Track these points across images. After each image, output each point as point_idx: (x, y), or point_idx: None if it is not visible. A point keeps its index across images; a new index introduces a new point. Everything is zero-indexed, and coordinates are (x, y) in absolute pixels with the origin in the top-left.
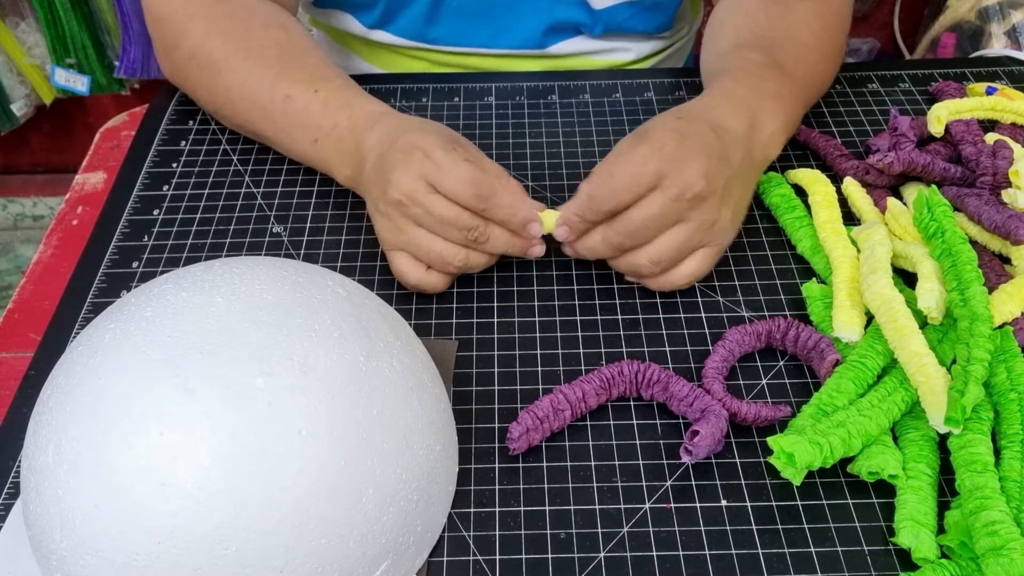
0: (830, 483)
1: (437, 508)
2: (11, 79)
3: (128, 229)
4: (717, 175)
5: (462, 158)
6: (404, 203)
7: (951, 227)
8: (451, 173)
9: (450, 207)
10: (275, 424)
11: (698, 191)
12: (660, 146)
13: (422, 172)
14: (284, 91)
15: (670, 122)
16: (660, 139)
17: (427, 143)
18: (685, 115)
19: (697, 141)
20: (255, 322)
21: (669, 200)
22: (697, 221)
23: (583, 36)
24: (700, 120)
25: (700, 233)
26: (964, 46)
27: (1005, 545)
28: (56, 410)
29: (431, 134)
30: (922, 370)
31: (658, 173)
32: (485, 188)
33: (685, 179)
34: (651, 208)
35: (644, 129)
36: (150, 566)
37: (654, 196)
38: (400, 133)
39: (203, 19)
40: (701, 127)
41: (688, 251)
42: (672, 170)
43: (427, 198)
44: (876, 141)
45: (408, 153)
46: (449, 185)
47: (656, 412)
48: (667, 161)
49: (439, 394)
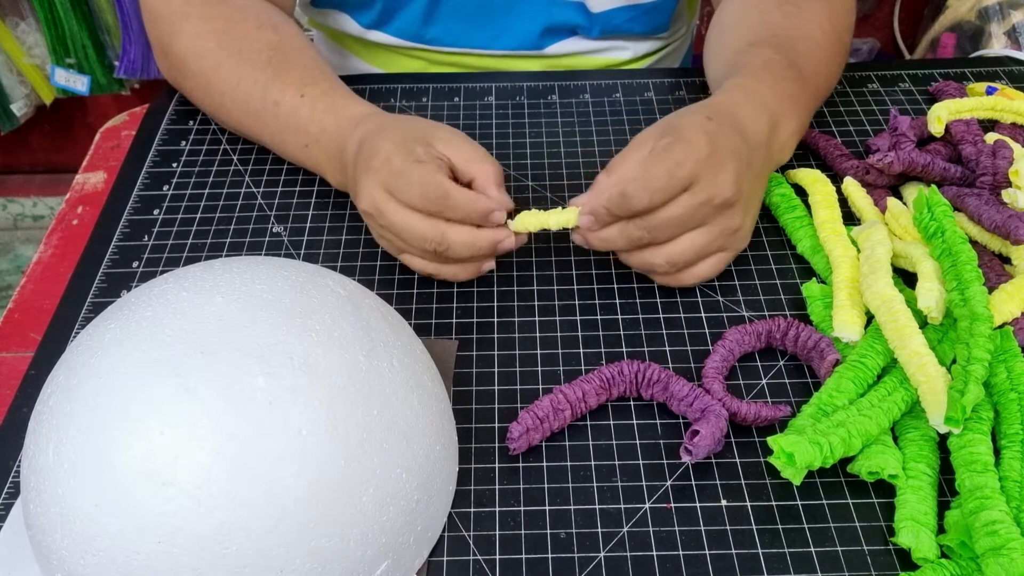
0: (830, 483)
1: (437, 508)
2: (11, 79)
3: (128, 229)
4: (744, 182)
5: (416, 160)
6: (370, 214)
7: (951, 227)
8: (403, 178)
9: (405, 217)
10: (275, 423)
11: (727, 198)
12: (694, 148)
13: (382, 180)
14: (274, 97)
15: (702, 122)
16: (694, 140)
17: (387, 147)
18: (715, 116)
19: (729, 146)
20: (255, 322)
21: (698, 204)
22: (721, 226)
23: (580, 37)
24: (729, 123)
25: (721, 238)
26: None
27: (1005, 545)
28: (56, 410)
29: (395, 136)
30: (922, 370)
31: (692, 176)
32: (433, 190)
33: (717, 185)
34: (678, 209)
35: (675, 126)
36: (150, 566)
37: (683, 198)
38: (369, 137)
39: (197, 19)
40: (731, 132)
41: (706, 255)
42: (705, 174)
43: (387, 208)
44: (876, 141)
45: (371, 159)
46: (403, 191)
47: (656, 412)
48: (702, 165)
49: (439, 394)
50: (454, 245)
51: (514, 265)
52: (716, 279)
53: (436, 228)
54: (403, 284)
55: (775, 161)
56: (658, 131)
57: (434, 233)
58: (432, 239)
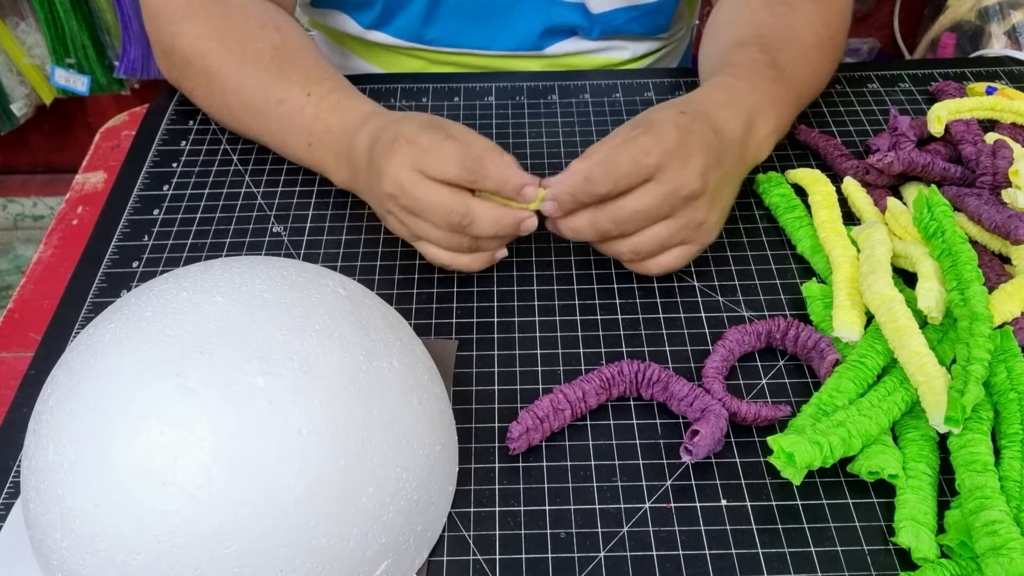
0: (830, 483)
1: (437, 508)
2: (11, 79)
3: (128, 229)
4: (712, 176)
5: (445, 136)
6: (395, 194)
7: (951, 227)
8: (435, 153)
9: (434, 191)
10: (275, 423)
11: (693, 189)
12: (663, 139)
13: (409, 159)
14: (277, 95)
15: (674, 116)
16: (663, 132)
17: (409, 130)
18: (688, 111)
19: (699, 139)
20: (255, 321)
21: (663, 195)
22: (686, 219)
23: (579, 37)
24: (703, 118)
25: (686, 231)
26: (964, 46)
27: (1005, 545)
28: (56, 410)
29: (414, 121)
30: (922, 370)
31: (658, 166)
32: (471, 160)
33: (683, 176)
34: (644, 200)
35: (648, 119)
36: (150, 565)
37: (648, 188)
38: (384, 127)
39: (198, 19)
40: (703, 126)
41: (670, 246)
42: (671, 165)
43: (414, 185)
44: (876, 141)
45: (393, 143)
46: (435, 165)
47: (656, 412)
48: (668, 155)
49: (439, 394)
50: (479, 219)
51: (514, 265)
52: (716, 279)
53: (463, 201)
54: (403, 284)
55: (750, 159)
56: (632, 123)
57: (460, 206)
58: (458, 211)
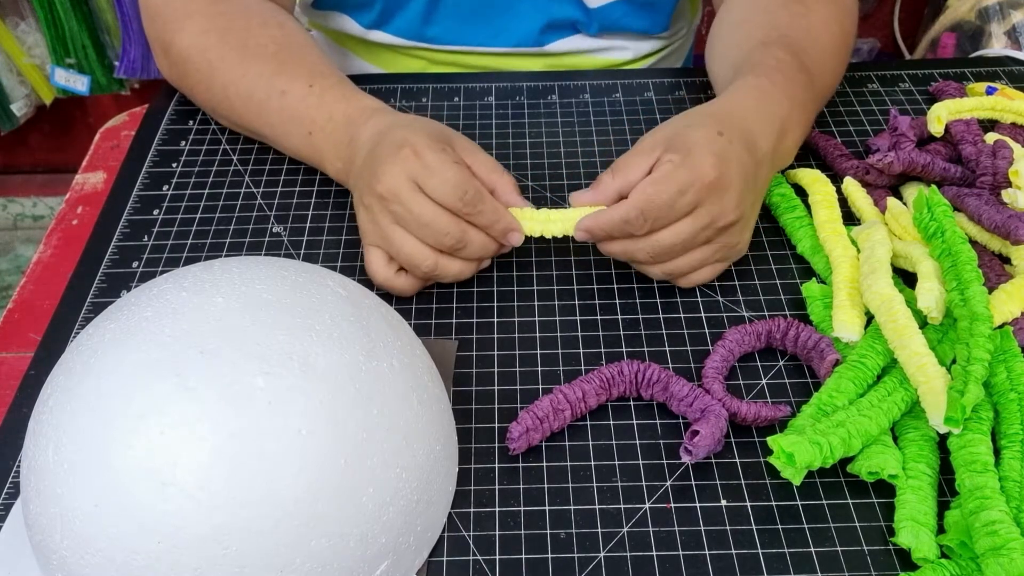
0: (830, 483)
1: (437, 508)
2: (11, 79)
3: (128, 229)
4: (747, 201)
5: (451, 160)
6: (387, 198)
7: (951, 227)
8: (438, 174)
9: (430, 209)
10: (275, 424)
11: (730, 220)
12: (701, 173)
13: (409, 170)
14: (280, 86)
15: (711, 140)
16: (700, 165)
17: (417, 141)
18: (726, 131)
19: (736, 167)
20: (255, 322)
21: (700, 228)
22: (720, 243)
23: (580, 35)
24: (739, 138)
25: (720, 252)
26: (964, 46)
27: (1005, 545)
28: (56, 410)
29: (423, 132)
30: (922, 370)
31: (696, 203)
32: (470, 195)
33: (720, 208)
34: (682, 235)
35: (685, 143)
36: (150, 565)
37: (686, 222)
38: (392, 128)
39: (200, 16)
40: (740, 149)
41: (703, 266)
42: (709, 199)
43: (410, 197)
44: (876, 141)
45: (397, 148)
46: (435, 186)
47: (656, 412)
48: (707, 191)
49: (439, 394)
50: (471, 244)
51: (514, 265)
52: (716, 279)
53: (459, 226)
54: None
55: (778, 167)
56: (666, 140)
57: (457, 231)
58: (453, 235)
